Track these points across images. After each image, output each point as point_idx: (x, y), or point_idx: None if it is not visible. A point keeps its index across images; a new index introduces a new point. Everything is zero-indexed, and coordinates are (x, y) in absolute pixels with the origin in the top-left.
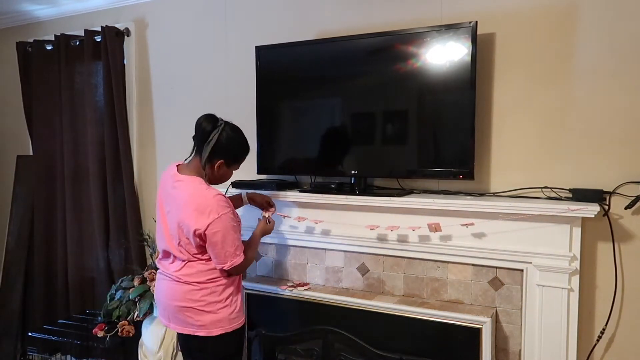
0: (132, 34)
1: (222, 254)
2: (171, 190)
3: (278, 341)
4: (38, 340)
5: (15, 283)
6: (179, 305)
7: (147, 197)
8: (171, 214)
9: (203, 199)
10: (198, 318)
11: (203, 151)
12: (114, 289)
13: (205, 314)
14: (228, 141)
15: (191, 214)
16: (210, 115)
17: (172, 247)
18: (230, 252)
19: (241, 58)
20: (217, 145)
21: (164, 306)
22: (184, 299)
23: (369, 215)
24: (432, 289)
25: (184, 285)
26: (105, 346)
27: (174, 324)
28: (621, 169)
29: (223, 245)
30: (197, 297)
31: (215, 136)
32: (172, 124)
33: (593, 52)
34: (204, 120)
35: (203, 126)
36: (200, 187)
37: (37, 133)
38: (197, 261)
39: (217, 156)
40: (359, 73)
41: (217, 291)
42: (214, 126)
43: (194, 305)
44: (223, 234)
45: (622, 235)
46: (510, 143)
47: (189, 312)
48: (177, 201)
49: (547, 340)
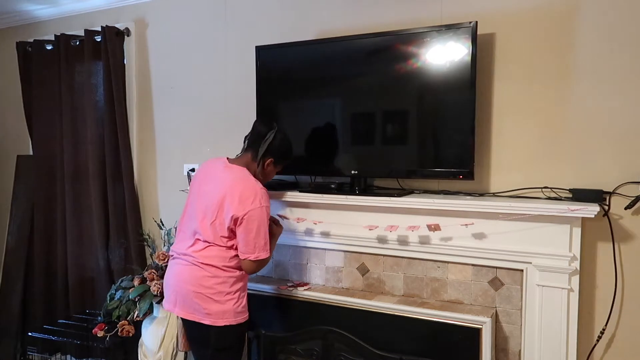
0: (132, 34)
1: (253, 244)
2: (219, 172)
3: (278, 341)
4: (38, 340)
5: (15, 283)
6: (190, 289)
7: (147, 197)
8: (212, 193)
9: (251, 187)
10: (206, 306)
11: (260, 147)
12: (114, 289)
13: (213, 302)
14: (281, 142)
15: (235, 197)
16: (267, 118)
17: (202, 226)
18: (261, 244)
19: (241, 58)
20: (272, 144)
21: (174, 289)
22: (196, 283)
23: (369, 215)
24: (432, 289)
25: (199, 269)
26: (105, 346)
27: (179, 308)
28: (621, 169)
29: (257, 235)
30: (208, 284)
31: (271, 136)
32: (172, 124)
33: (593, 52)
34: (261, 122)
35: (259, 127)
36: (249, 177)
37: (37, 133)
38: (220, 246)
39: (270, 154)
40: (359, 73)
41: (228, 282)
42: (270, 127)
43: (205, 291)
44: (259, 225)
45: (622, 236)
46: (510, 143)
47: (198, 298)
48: (224, 181)
49: (547, 340)
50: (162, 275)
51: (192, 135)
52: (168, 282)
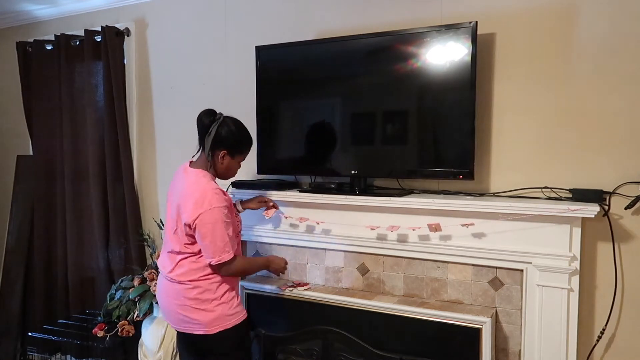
0: (132, 34)
1: (211, 247)
2: (177, 183)
3: (278, 341)
4: (38, 340)
5: (15, 283)
6: (176, 303)
7: (147, 197)
8: (173, 202)
9: (200, 190)
10: (195, 317)
11: (205, 143)
12: (114, 289)
13: (200, 312)
14: (228, 132)
15: (187, 203)
16: (209, 109)
17: (170, 237)
18: (220, 246)
19: (241, 58)
20: (217, 136)
21: (163, 306)
22: (179, 297)
23: (369, 215)
24: (432, 289)
25: (177, 284)
26: (105, 346)
27: (173, 323)
28: (621, 169)
29: (212, 238)
30: (191, 296)
31: (214, 128)
32: (172, 124)
33: (593, 52)
34: (203, 115)
35: (203, 120)
36: (201, 179)
37: (37, 133)
38: (187, 258)
39: (219, 147)
40: (359, 73)
41: (211, 289)
42: (212, 119)
43: (190, 303)
44: (213, 227)
45: (622, 236)
46: (510, 143)
47: (185, 311)
48: (179, 189)
49: (547, 340)
50: None
51: (192, 135)
52: (158, 299)
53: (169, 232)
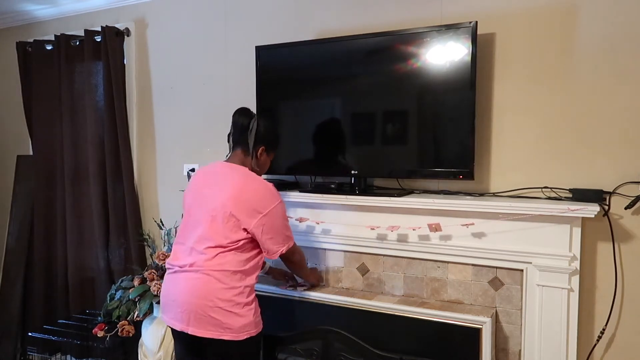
0: (132, 34)
1: (281, 237)
2: (221, 173)
3: (278, 341)
4: (38, 340)
5: (15, 283)
6: (207, 304)
7: (147, 197)
8: (219, 194)
9: (262, 184)
10: (225, 320)
11: (248, 139)
12: (114, 289)
13: (233, 315)
14: (266, 129)
15: (249, 196)
16: (244, 108)
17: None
18: (288, 235)
19: (241, 58)
20: (258, 132)
21: (182, 305)
22: (212, 297)
23: (369, 215)
24: (432, 289)
25: (215, 281)
26: (105, 346)
27: (194, 327)
28: (621, 169)
29: (282, 229)
30: (227, 297)
31: (254, 125)
32: (172, 124)
33: (593, 52)
34: (240, 114)
35: (241, 119)
36: (252, 174)
37: (37, 133)
38: (234, 250)
39: (259, 143)
40: (359, 73)
41: (245, 292)
42: (250, 117)
43: (224, 305)
44: (283, 220)
45: (622, 235)
46: (510, 143)
47: (214, 313)
48: (232, 181)
49: (547, 340)
50: (162, 275)
51: (192, 135)
52: (173, 299)
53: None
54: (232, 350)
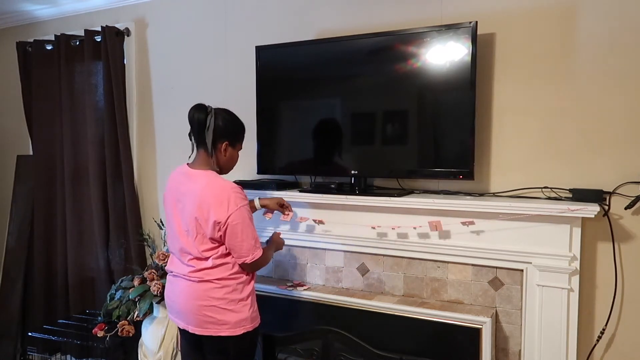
0: (132, 33)
1: (245, 246)
2: (185, 186)
3: (278, 341)
4: (38, 340)
5: (15, 283)
6: (201, 304)
7: (147, 197)
8: (186, 209)
9: (221, 190)
10: (221, 317)
11: (206, 138)
12: (114, 289)
13: (228, 312)
14: (225, 121)
15: (210, 206)
16: (198, 104)
17: (188, 244)
18: (252, 244)
19: (241, 58)
20: (216, 127)
21: (181, 308)
22: (205, 297)
23: (369, 215)
24: (432, 289)
25: (204, 283)
26: (105, 346)
27: (193, 326)
28: (621, 169)
29: (243, 237)
30: (219, 295)
31: (211, 120)
32: (172, 124)
33: (593, 52)
34: (195, 111)
35: (197, 117)
36: (216, 179)
37: (37, 133)
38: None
39: (220, 138)
40: (359, 73)
41: (238, 289)
42: (206, 113)
43: (217, 303)
44: (243, 226)
45: (622, 235)
46: (510, 143)
47: (210, 312)
48: (193, 194)
49: (547, 340)
50: (162, 275)
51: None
52: (173, 301)
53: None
54: (229, 345)
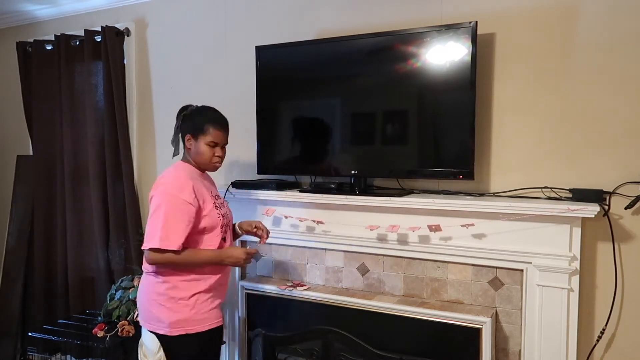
0: (132, 34)
1: (147, 232)
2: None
3: (278, 341)
4: (38, 340)
5: (15, 283)
6: (145, 297)
7: (147, 197)
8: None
9: (164, 174)
10: (158, 314)
11: (174, 136)
12: (114, 289)
13: (165, 310)
14: (188, 114)
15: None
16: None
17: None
18: (150, 233)
19: (241, 58)
20: (182, 122)
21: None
22: (149, 290)
23: (369, 215)
24: (432, 289)
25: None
26: (105, 346)
27: (141, 320)
28: (621, 169)
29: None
30: (160, 290)
31: (180, 116)
32: (172, 124)
33: (593, 52)
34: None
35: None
36: (171, 168)
37: (37, 133)
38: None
39: (183, 132)
40: (359, 73)
41: (180, 287)
42: (181, 110)
43: (157, 299)
44: (153, 211)
45: (622, 235)
46: (510, 143)
47: (152, 307)
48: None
49: (547, 340)
50: None
51: None
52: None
53: None
54: (168, 345)
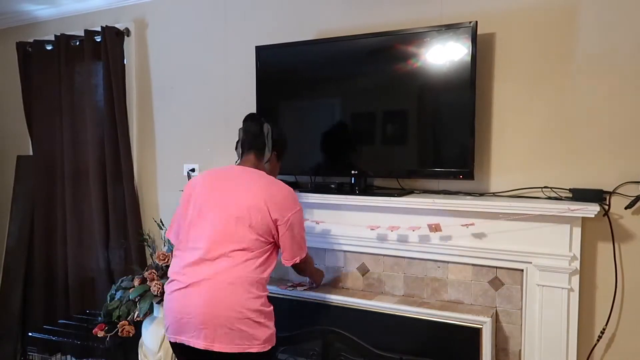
0: (132, 34)
1: (297, 246)
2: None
3: (278, 341)
4: (38, 340)
5: (15, 283)
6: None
7: (147, 197)
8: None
9: (285, 190)
10: (254, 332)
11: (267, 143)
12: (114, 289)
13: (260, 326)
14: (279, 135)
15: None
16: (252, 114)
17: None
18: (302, 245)
19: (241, 58)
20: (273, 138)
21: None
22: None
23: (369, 215)
24: (432, 289)
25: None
26: (105, 346)
27: (221, 343)
28: (621, 169)
29: (299, 238)
30: (255, 307)
31: (268, 130)
32: (172, 124)
33: (593, 52)
34: (250, 120)
35: (253, 125)
36: (276, 181)
37: (37, 133)
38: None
39: (273, 147)
40: (359, 73)
41: (267, 301)
42: (261, 122)
43: (253, 316)
44: (300, 228)
45: (622, 235)
46: (510, 143)
47: (244, 325)
48: (255, 183)
49: (547, 340)
50: (163, 275)
51: (192, 135)
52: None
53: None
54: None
